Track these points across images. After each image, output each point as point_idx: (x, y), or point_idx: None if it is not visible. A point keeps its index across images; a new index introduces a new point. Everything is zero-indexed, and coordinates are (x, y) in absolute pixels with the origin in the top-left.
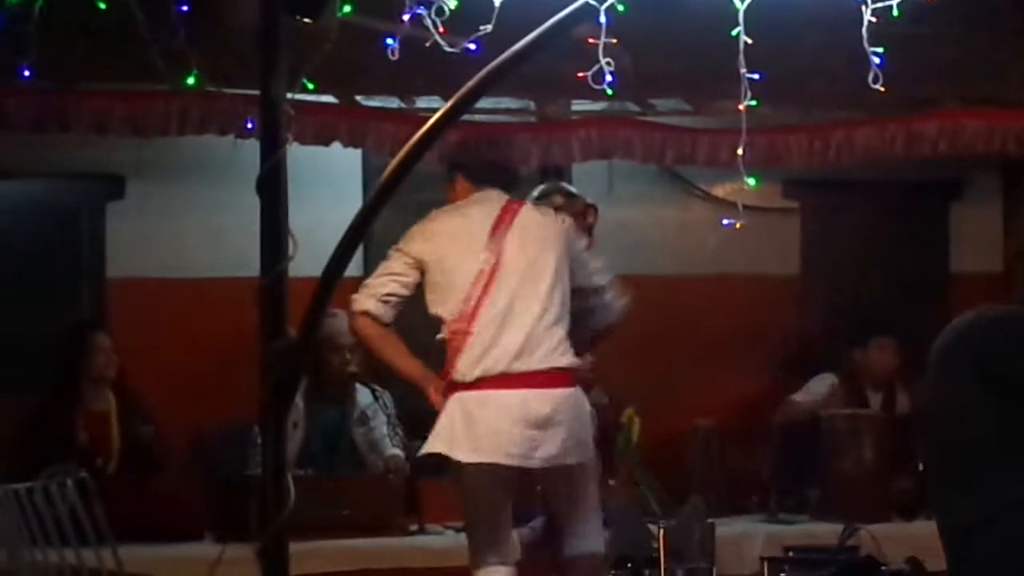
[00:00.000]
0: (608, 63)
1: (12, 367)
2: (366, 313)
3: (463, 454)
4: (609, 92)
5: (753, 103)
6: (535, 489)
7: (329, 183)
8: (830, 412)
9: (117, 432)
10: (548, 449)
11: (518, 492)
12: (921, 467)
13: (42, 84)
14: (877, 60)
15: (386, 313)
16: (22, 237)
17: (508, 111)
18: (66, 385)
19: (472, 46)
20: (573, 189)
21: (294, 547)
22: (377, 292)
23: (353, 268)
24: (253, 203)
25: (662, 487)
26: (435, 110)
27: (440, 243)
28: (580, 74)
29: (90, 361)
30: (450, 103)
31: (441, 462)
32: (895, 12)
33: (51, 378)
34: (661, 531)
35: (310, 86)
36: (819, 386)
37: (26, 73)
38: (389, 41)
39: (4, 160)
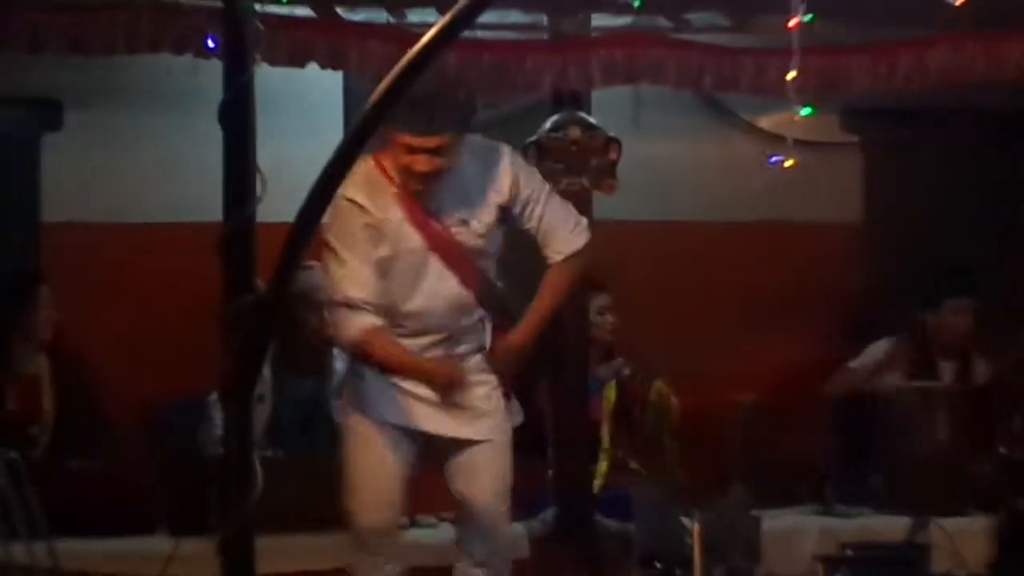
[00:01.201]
0: None
1: None
2: None
3: None
4: (636, 4)
5: (806, 18)
6: (546, 474)
7: (304, 112)
8: (896, 385)
9: (51, 400)
10: None
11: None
12: (1004, 449)
13: None
14: None
15: None
16: None
17: (516, 27)
18: None
19: None
20: (592, 120)
21: (260, 541)
22: None
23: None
24: (214, 135)
25: (698, 473)
26: (430, 26)
27: None
28: None
29: (28, 318)
30: (447, 17)
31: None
32: None
33: None
34: (697, 525)
35: None
36: (875, 350)
37: None
38: None
39: None
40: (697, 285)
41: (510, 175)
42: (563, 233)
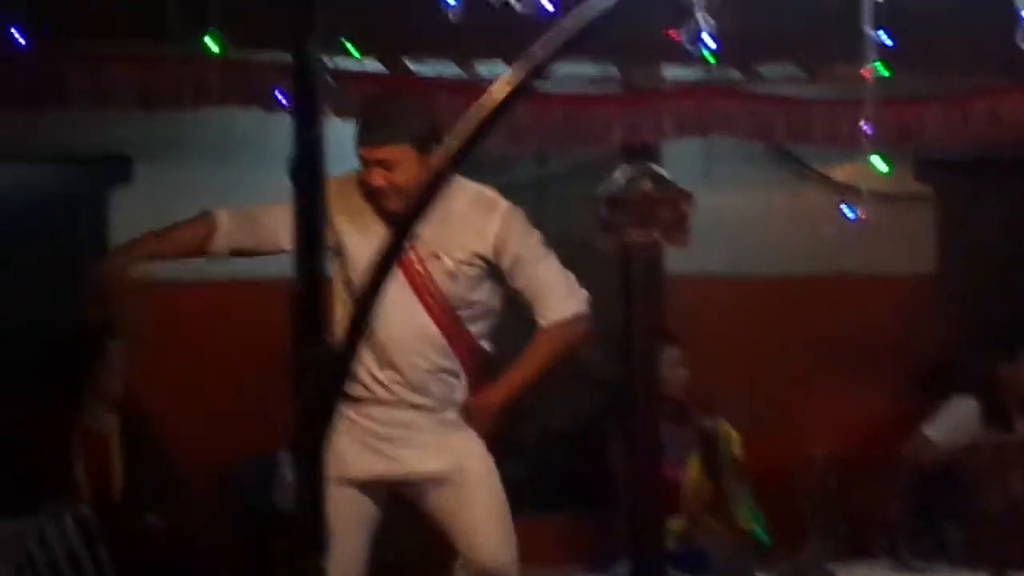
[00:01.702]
0: (706, 21)
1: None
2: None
3: None
4: (707, 57)
5: (880, 69)
6: (618, 528)
7: None
8: (973, 441)
9: (121, 457)
10: None
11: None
12: None
13: (33, 47)
14: None
15: None
16: (12, 230)
17: (588, 80)
18: (64, 401)
19: (546, 2)
20: (663, 172)
21: None
22: None
23: None
24: (284, 189)
25: (772, 527)
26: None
27: None
28: (673, 35)
29: (100, 374)
30: (519, 71)
31: None
32: None
33: (44, 395)
34: None
35: (352, 50)
36: (958, 417)
37: (14, 34)
38: (450, 2)
39: None
40: (769, 338)
41: (498, 227)
42: (554, 298)
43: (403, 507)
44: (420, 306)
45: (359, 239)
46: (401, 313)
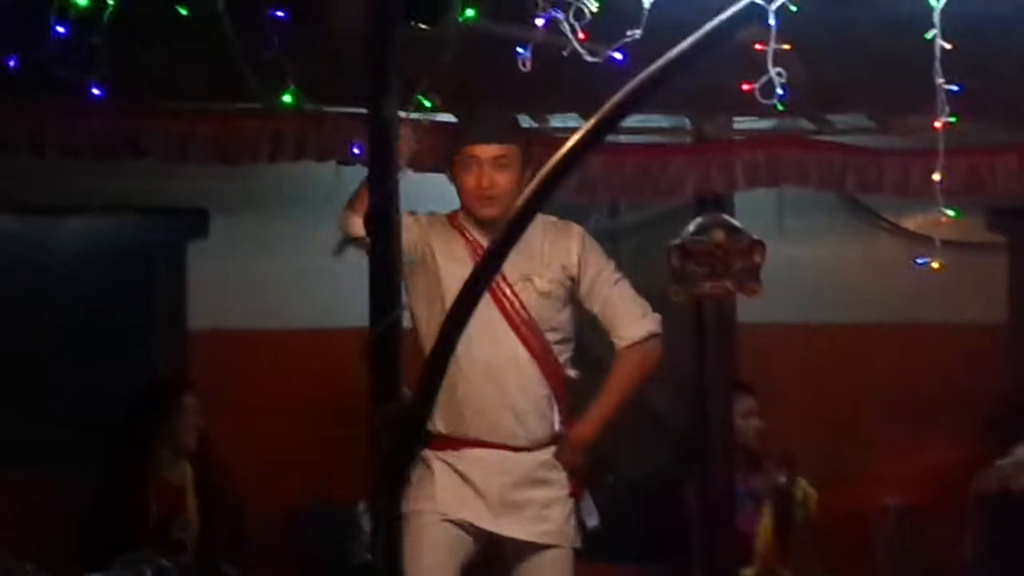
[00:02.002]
0: (779, 73)
1: (74, 433)
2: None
3: None
4: (779, 107)
5: (952, 119)
6: None
7: None
8: None
9: (195, 507)
10: None
11: None
12: None
13: (113, 103)
14: None
15: None
16: (89, 281)
17: (660, 130)
18: (139, 453)
19: (617, 55)
20: (736, 223)
21: None
22: None
23: None
24: None
25: None
26: (573, 131)
27: None
28: (745, 86)
29: (174, 425)
30: (591, 122)
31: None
32: None
33: (119, 446)
34: None
35: (427, 104)
36: None
37: (95, 91)
38: (519, 50)
39: (70, 192)
40: (842, 387)
41: (579, 247)
42: (629, 318)
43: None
44: (515, 336)
45: (454, 268)
46: (498, 339)
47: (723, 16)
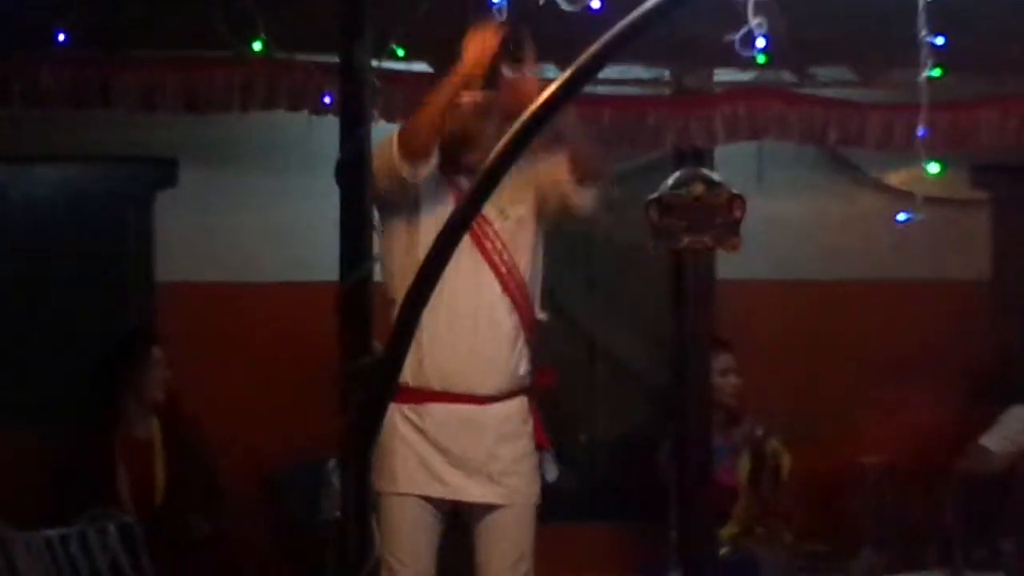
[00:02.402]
0: (759, 24)
1: (40, 390)
2: None
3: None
4: (760, 59)
5: (935, 73)
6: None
7: None
8: None
9: (163, 463)
10: None
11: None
12: None
13: (80, 51)
14: None
15: None
16: (57, 231)
17: (638, 82)
18: (106, 407)
19: (595, 3)
20: (716, 176)
21: None
22: None
23: None
24: (330, 192)
25: (826, 537)
26: (550, 81)
27: None
28: (726, 38)
29: (141, 380)
30: (568, 72)
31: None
32: None
33: (86, 401)
34: None
35: (400, 52)
36: (1014, 426)
37: (62, 38)
38: (495, 0)
39: (37, 142)
40: (822, 345)
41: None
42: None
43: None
44: (492, 273)
45: (437, 210)
46: (474, 276)
47: None
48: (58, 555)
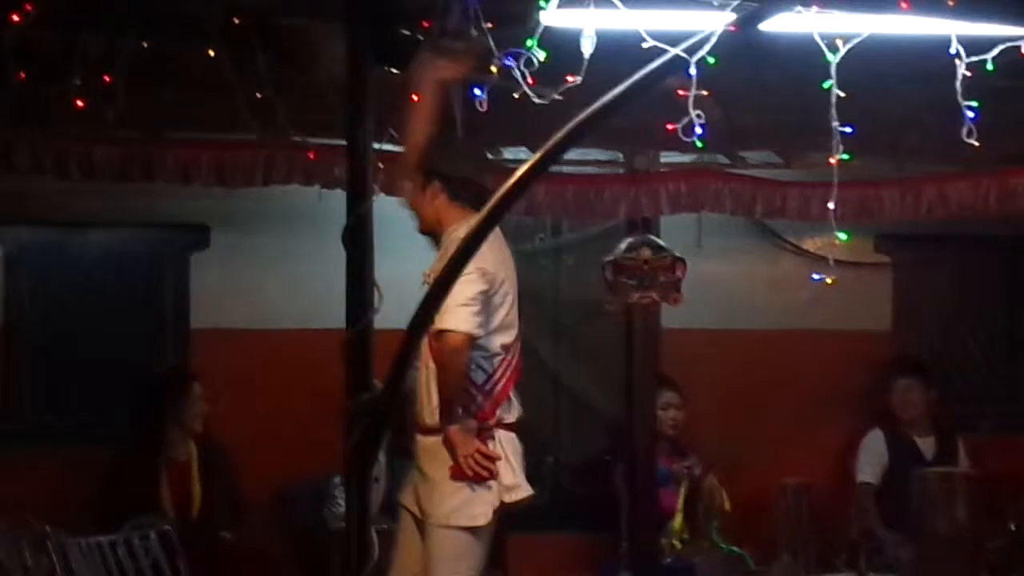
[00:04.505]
0: (698, 115)
1: (94, 417)
2: (472, 338)
3: (520, 493)
4: (699, 144)
5: (845, 156)
6: (620, 543)
7: (413, 234)
8: (923, 471)
9: (198, 482)
10: None
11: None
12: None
13: (127, 132)
14: (971, 114)
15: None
16: (106, 287)
17: (597, 163)
18: (152, 433)
19: (560, 97)
20: (661, 242)
21: None
22: (477, 316)
23: None
24: (338, 254)
25: (752, 545)
26: (522, 162)
27: (499, 268)
28: (670, 126)
29: (183, 409)
30: (538, 155)
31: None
32: (990, 66)
33: (133, 427)
34: None
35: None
36: (876, 447)
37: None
38: (477, 92)
39: (89, 209)
40: (751, 384)
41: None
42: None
43: None
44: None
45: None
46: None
47: (651, 66)
48: (107, 557)
